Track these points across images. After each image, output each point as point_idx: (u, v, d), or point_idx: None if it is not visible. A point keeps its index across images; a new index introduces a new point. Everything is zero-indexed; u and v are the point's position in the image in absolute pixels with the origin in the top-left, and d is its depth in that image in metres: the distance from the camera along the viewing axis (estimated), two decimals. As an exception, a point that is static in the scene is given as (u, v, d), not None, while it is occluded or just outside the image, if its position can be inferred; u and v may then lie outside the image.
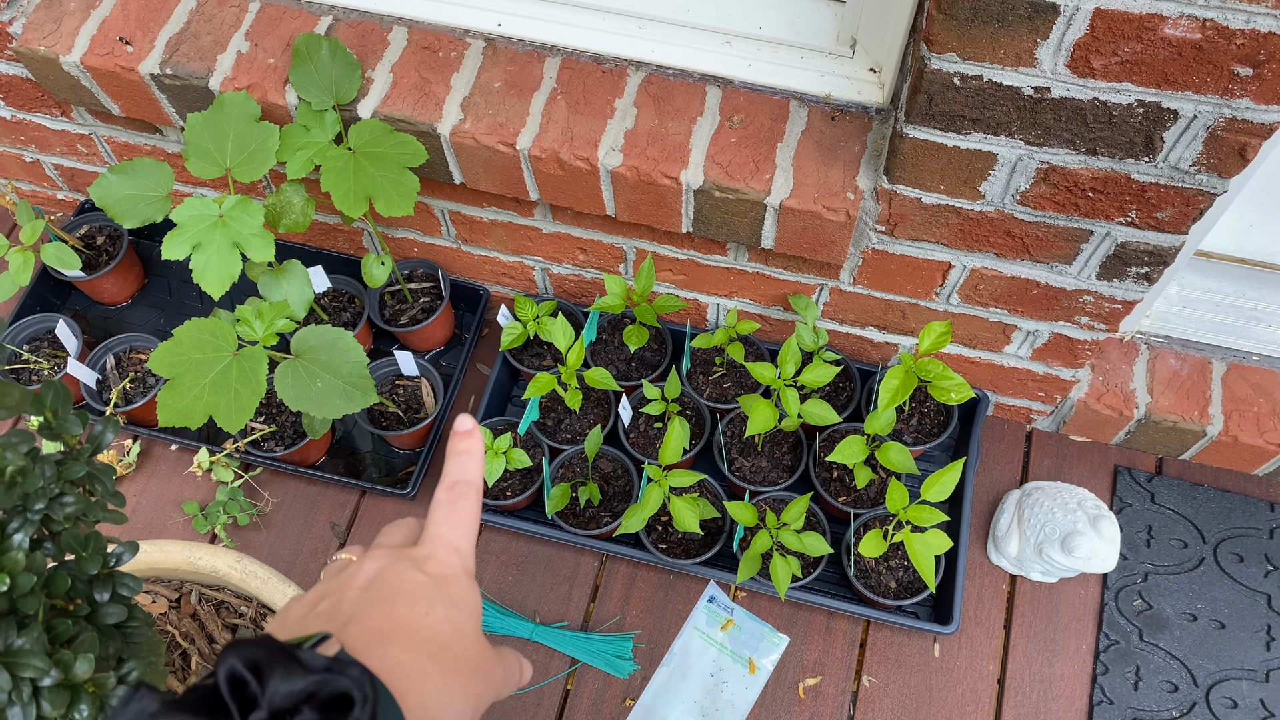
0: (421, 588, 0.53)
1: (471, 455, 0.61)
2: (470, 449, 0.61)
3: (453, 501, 0.59)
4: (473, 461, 0.61)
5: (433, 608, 0.52)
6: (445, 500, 0.59)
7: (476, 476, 0.60)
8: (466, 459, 0.61)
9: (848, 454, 1.37)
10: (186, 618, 1.25)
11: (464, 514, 0.58)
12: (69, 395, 0.75)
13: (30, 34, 1.36)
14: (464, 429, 0.62)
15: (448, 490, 0.59)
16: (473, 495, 0.59)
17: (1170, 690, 1.43)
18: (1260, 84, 0.90)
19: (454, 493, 0.59)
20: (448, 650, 0.50)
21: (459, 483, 0.59)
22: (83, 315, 1.79)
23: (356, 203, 1.27)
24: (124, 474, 1.63)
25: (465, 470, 0.60)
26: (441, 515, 0.58)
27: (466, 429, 0.62)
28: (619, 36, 1.27)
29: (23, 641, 0.66)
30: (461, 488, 0.59)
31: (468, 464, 0.60)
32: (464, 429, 0.62)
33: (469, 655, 0.51)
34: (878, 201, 1.21)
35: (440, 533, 0.57)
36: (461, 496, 0.59)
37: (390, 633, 0.49)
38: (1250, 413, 1.47)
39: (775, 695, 1.44)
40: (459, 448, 0.61)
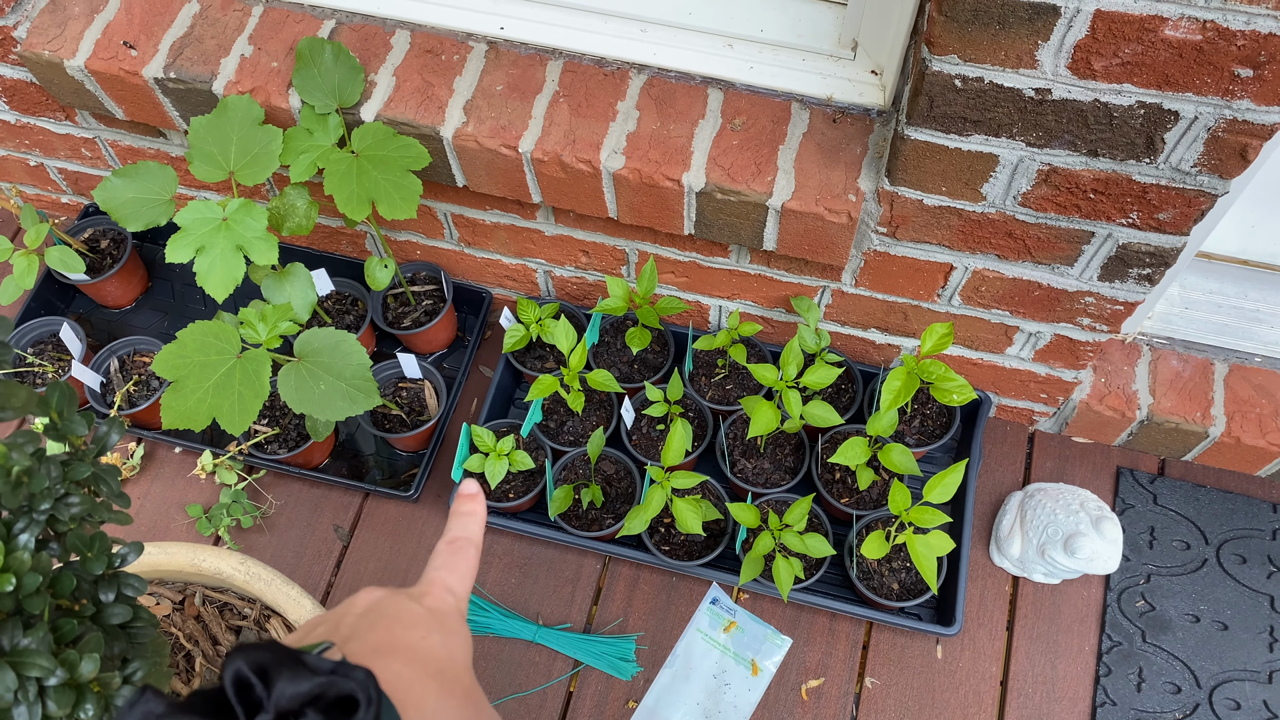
0: (418, 616, 0.54)
1: (474, 517, 0.63)
2: (473, 511, 0.64)
3: (452, 553, 0.61)
4: (474, 523, 0.63)
5: (429, 634, 0.53)
6: (445, 551, 0.61)
7: (477, 536, 0.63)
8: (469, 520, 0.63)
9: (850, 455, 1.37)
10: (190, 619, 1.25)
11: (462, 564, 0.60)
12: (74, 396, 0.75)
13: (35, 38, 1.36)
14: (469, 493, 0.65)
15: (449, 544, 0.61)
16: (472, 550, 0.62)
17: (1173, 691, 1.43)
18: (1261, 85, 0.90)
19: (454, 546, 0.61)
20: (445, 673, 0.51)
21: (460, 539, 0.62)
22: (87, 318, 1.80)
23: (359, 206, 1.28)
24: (128, 477, 1.64)
25: (466, 528, 0.62)
26: (440, 562, 0.60)
27: (471, 493, 0.65)
28: (621, 39, 1.28)
29: (29, 641, 0.66)
30: (462, 543, 0.62)
31: (470, 524, 0.63)
32: (469, 493, 0.65)
33: (464, 682, 0.53)
34: (879, 203, 1.21)
35: (438, 576, 0.59)
36: (461, 550, 0.61)
37: (390, 650, 0.51)
38: (1252, 414, 1.47)
39: (778, 697, 1.44)
40: (462, 509, 0.63)
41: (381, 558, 1.56)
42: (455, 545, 0.61)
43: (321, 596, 1.54)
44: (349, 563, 1.56)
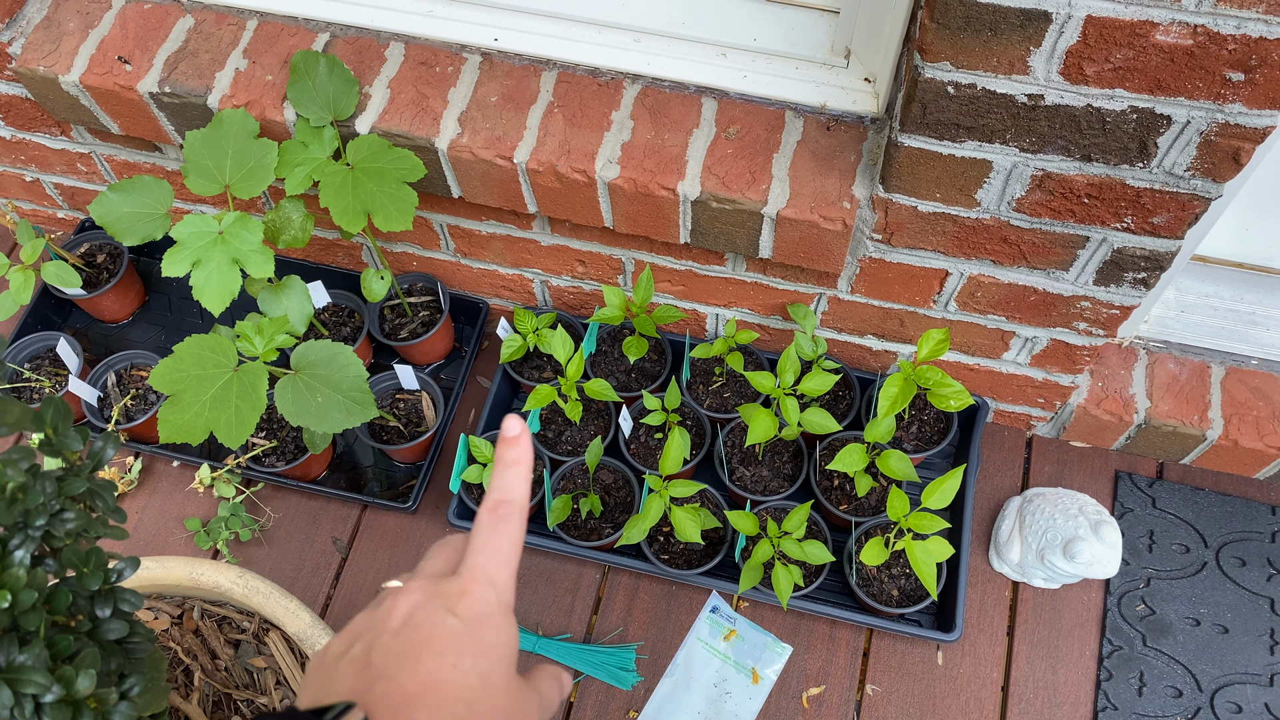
0: (452, 637, 0.51)
1: (518, 467, 0.58)
2: (517, 459, 0.58)
3: (494, 525, 0.56)
4: (519, 476, 0.58)
5: (461, 659, 0.50)
6: (487, 524, 0.56)
7: (522, 494, 0.58)
8: (513, 472, 0.58)
9: (848, 462, 1.37)
10: (189, 633, 1.24)
11: (505, 540, 0.56)
12: (69, 411, 0.75)
13: (29, 54, 1.36)
14: (511, 434, 0.59)
15: (490, 512, 0.57)
16: (516, 518, 0.57)
17: (1174, 695, 1.42)
18: (1253, 88, 0.90)
19: (496, 515, 0.56)
20: (475, 706, 0.49)
21: (502, 503, 0.57)
22: (84, 333, 1.80)
23: (355, 218, 1.28)
24: (126, 491, 1.64)
25: (510, 487, 0.57)
26: (481, 542, 0.56)
27: (514, 434, 0.58)
28: (615, 50, 1.28)
29: (25, 658, 0.66)
30: (505, 509, 0.57)
31: (514, 479, 0.58)
32: (511, 434, 0.59)
33: (498, 707, 0.50)
34: (874, 210, 1.21)
35: (478, 563, 0.55)
36: (504, 519, 0.56)
37: (416, 695, 0.49)
38: (1250, 416, 1.47)
39: (779, 705, 1.44)
40: (505, 457, 0.58)
41: (380, 569, 1.56)
42: (497, 514, 0.56)
43: (320, 609, 1.54)
44: (348, 575, 1.56)
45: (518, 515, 0.56)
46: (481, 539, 0.56)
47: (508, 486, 0.57)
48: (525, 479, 0.58)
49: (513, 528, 0.56)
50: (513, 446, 0.58)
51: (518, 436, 0.58)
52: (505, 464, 0.58)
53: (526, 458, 0.58)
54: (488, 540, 0.55)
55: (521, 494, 0.57)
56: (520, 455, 0.58)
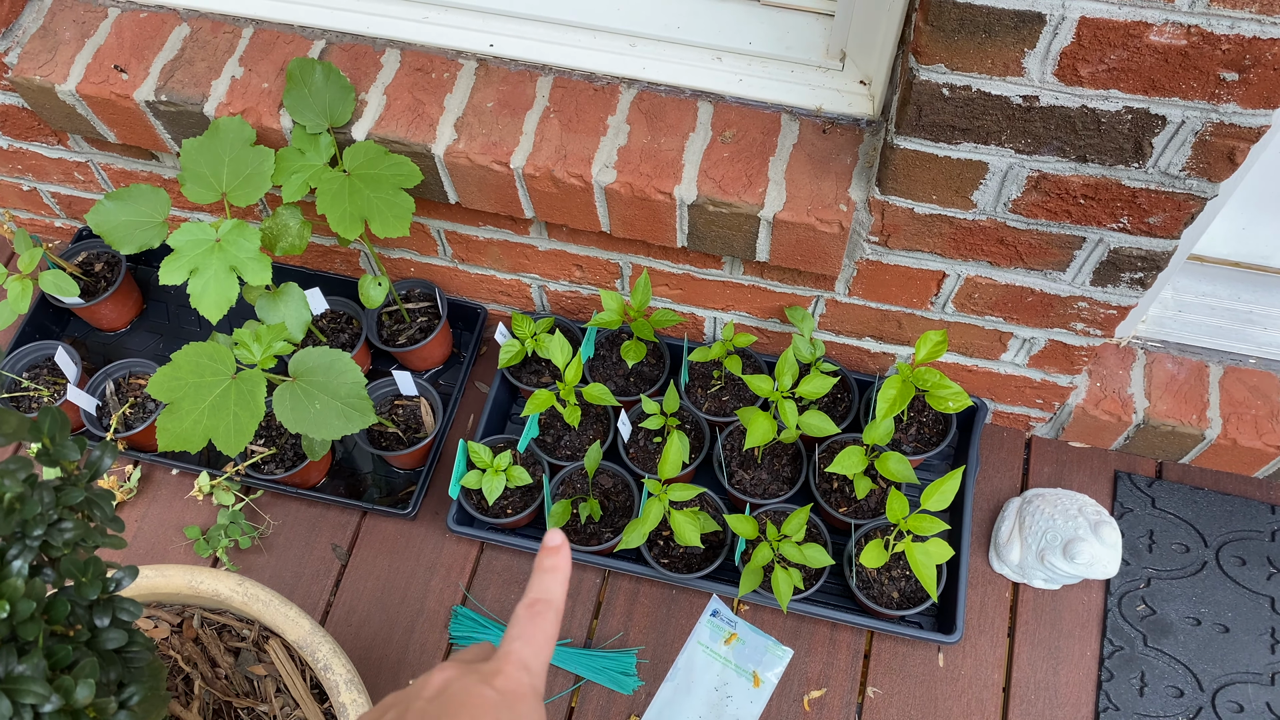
0: (486, 705, 0.53)
1: (557, 574, 0.61)
2: (556, 566, 0.62)
3: (531, 619, 0.59)
4: (557, 581, 0.61)
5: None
6: (524, 617, 0.59)
7: (559, 595, 0.61)
8: (551, 577, 0.61)
9: (847, 465, 1.37)
10: (189, 642, 1.24)
11: (540, 633, 0.59)
12: (66, 421, 0.75)
13: (26, 63, 1.37)
14: (553, 544, 0.63)
15: (527, 608, 0.60)
16: (551, 615, 0.60)
17: (1176, 695, 1.42)
18: (1247, 88, 0.91)
19: (533, 610, 0.60)
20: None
21: (539, 601, 0.60)
22: (82, 342, 1.80)
23: (352, 224, 1.28)
24: (125, 499, 1.63)
25: (548, 589, 0.61)
26: (517, 631, 0.59)
27: (555, 544, 0.63)
28: (610, 54, 1.28)
29: (23, 668, 0.66)
30: (541, 606, 0.60)
31: (551, 583, 0.61)
32: (553, 544, 0.63)
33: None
34: (870, 213, 1.21)
35: (514, 649, 0.58)
36: (540, 615, 0.59)
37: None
38: (1248, 415, 1.47)
39: (780, 708, 1.44)
40: (545, 564, 0.62)
41: (380, 576, 1.56)
42: (534, 610, 0.60)
43: (320, 616, 1.53)
44: (347, 582, 1.56)
45: (553, 614, 0.60)
46: (517, 629, 0.59)
47: (546, 588, 0.61)
48: (563, 584, 0.62)
49: (548, 624, 0.59)
50: (553, 555, 0.62)
51: (558, 547, 0.62)
52: (544, 569, 0.61)
53: (565, 565, 0.62)
54: (524, 630, 0.59)
55: (559, 596, 0.61)
56: (559, 563, 0.62)
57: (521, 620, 0.59)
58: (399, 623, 1.52)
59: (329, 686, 1.16)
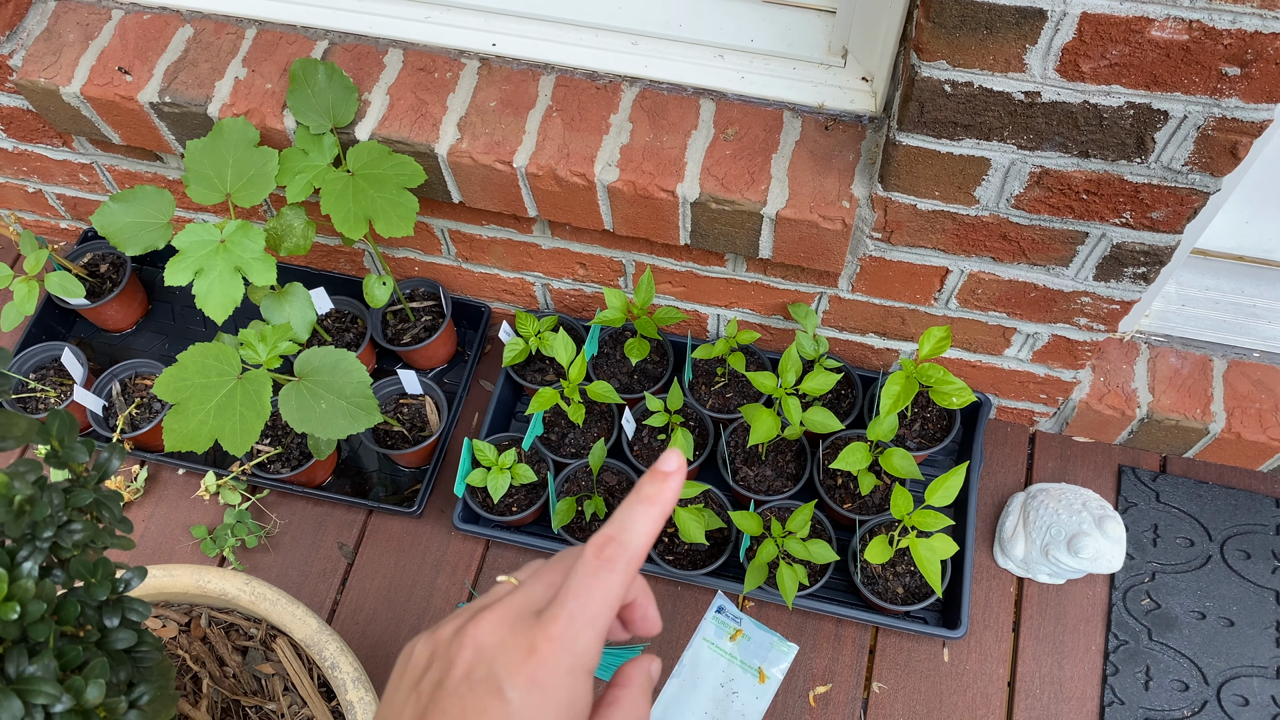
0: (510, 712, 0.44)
1: (651, 508, 0.48)
2: (655, 498, 0.48)
3: (595, 570, 0.47)
4: (649, 519, 0.48)
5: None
6: (588, 567, 0.47)
7: (641, 538, 0.48)
8: (641, 510, 0.48)
9: (851, 461, 1.37)
10: (197, 641, 1.25)
11: (600, 591, 0.46)
12: (75, 423, 0.76)
13: (30, 66, 1.37)
14: (667, 467, 0.49)
15: (596, 551, 0.47)
16: (621, 566, 0.47)
17: (1181, 689, 1.43)
18: (1249, 83, 0.91)
19: (601, 557, 0.47)
20: None
21: (612, 542, 0.47)
22: (88, 343, 1.80)
23: (356, 224, 1.28)
24: (131, 500, 1.64)
25: (630, 525, 0.48)
26: (575, 587, 0.46)
27: (670, 468, 0.49)
28: (612, 53, 1.28)
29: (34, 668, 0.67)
30: (613, 551, 0.47)
31: (638, 519, 0.48)
32: (667, 467, 0.49)
33: None
34: (873, 209, 1.22)
35: (562, 614, 0.46)
36: (607, 565, 0.47)
37: None
38: (1252, 409, 1.47)
39: (786, 704, 1.44)
40: (644, 490, 0.48)
41: (386, 574, 1.56)
42: (602, 556, 0.47)
43: (327, 615, 1.54)
44: (354, 580, 1.57)
45: (624, 564, 0.47)
46: (576, 582, 0.47)
47: (628, 525, 0.48)
48: (654, 524, 0.48)
49: (615, 578, 0.47)
50: (658, 482, 0.48)
51: (671, 473, 0.48)
52: (639, 498, 0.48)
53: (668, 500, 0.48)
54: (581, 584, 0.47)
55: (640, 539, 0.48)
56: (661, 494, 0.48)
57: (583, 571, 0.47)
58: (405, 621, 1.53)
59: (336, 685, 1.16)
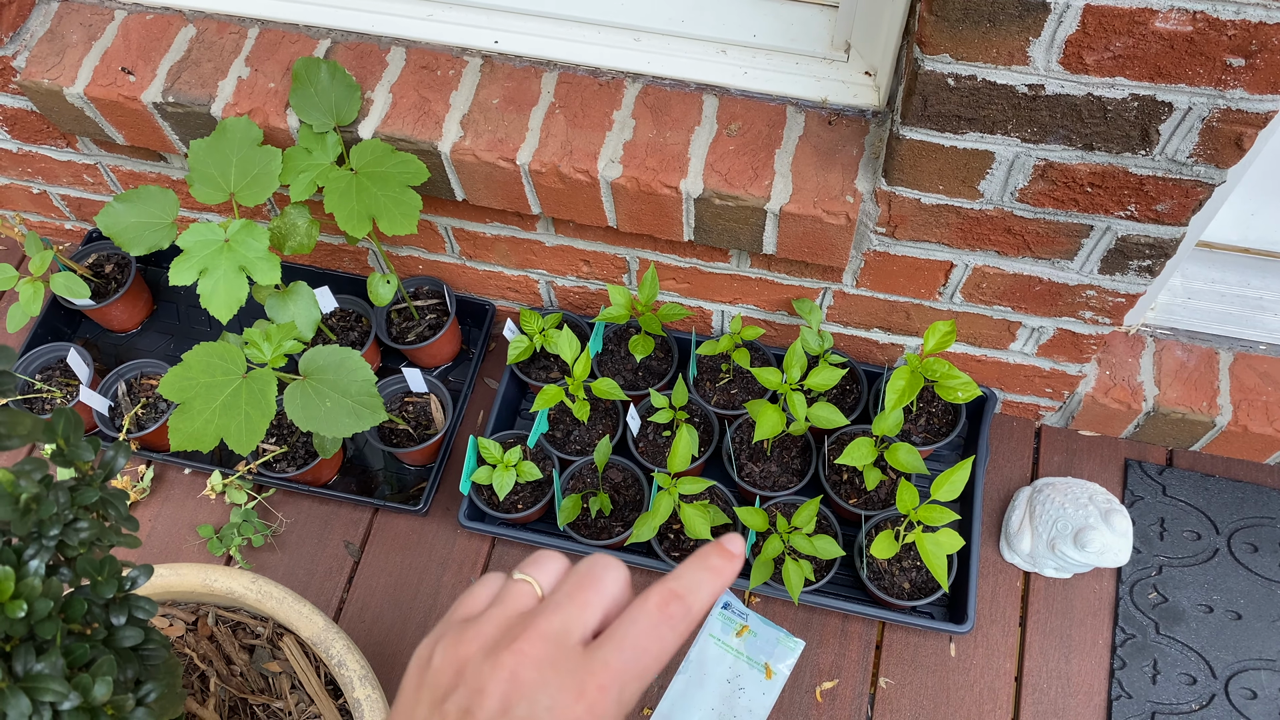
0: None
1: (717, 577, 0.48)
2: (720, 570, 0.48)
3: (656, 622, 0.46)
4: (711, 584, 0.48)
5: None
6: (651, 618, 0.46)
7: (703, 603, 0.48)
8: (708, 576, 0.48)
9: (856, 456, 1.37)
10: (204, 639, 1.25)
11: (655, 648, 0.46)
12: (80, 422, 0.76)
13: (34, 67, 1.37)
14: (735, 549, 0.50)
15: (660, 604, 0.47)
16: (682, 627, 0.47)
17: (1189, 683, 1.42)
18: (1253, 74, 0.90)
19: (665, 611, 0.46)
20: None
21: (678, 599, 0.47)
22: (93, 343, 1.81)
23: (360, 223, 1.28)
24: (138, 499, 1.65)
25: (696, 587, 0.48)
26: (632, 634, 0.45)
27: (736, 551, 0.50)
28: (615, 49, 1.28)
29: (41, 666, 0.67)
30: (677, 609, 0.47)
31: (705, 583, 0.48)
32: (735, 549, 0.50)
33: None
34: (877, 204, 1.21)
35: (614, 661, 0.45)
36: (669, 620, 0.46)
37: None
38: (1259, 402, 1.47)
39: (792, 700, 1.44)
40: (711, 560, 0.49)
41: (393, 573, 1.57)
42: (666, 611, 0.46)
43: (334, 613, 1.54)
44: (360, 579, 1.57)
45: (685, 626, 0.47)
46: (636, 632, 0.46)
47: (695, 587, 0.48)
48: (715, 595, 0.49)
49: (673, 636, 0.46)
50: (726, 560, 0.49)
51: (737, 555, 0.50)
52: (705, 565, 0.49)
53: (729, 576, 0.49)
54: (640, 635, 0.45)
55: (704, 605, 0.48)
56: (725, 569, 0.49)
57: (644, 621, 0.46)
58: (412, 619, 1.53)
59: (343, 682, 1.17)
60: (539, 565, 0.51)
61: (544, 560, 0.52)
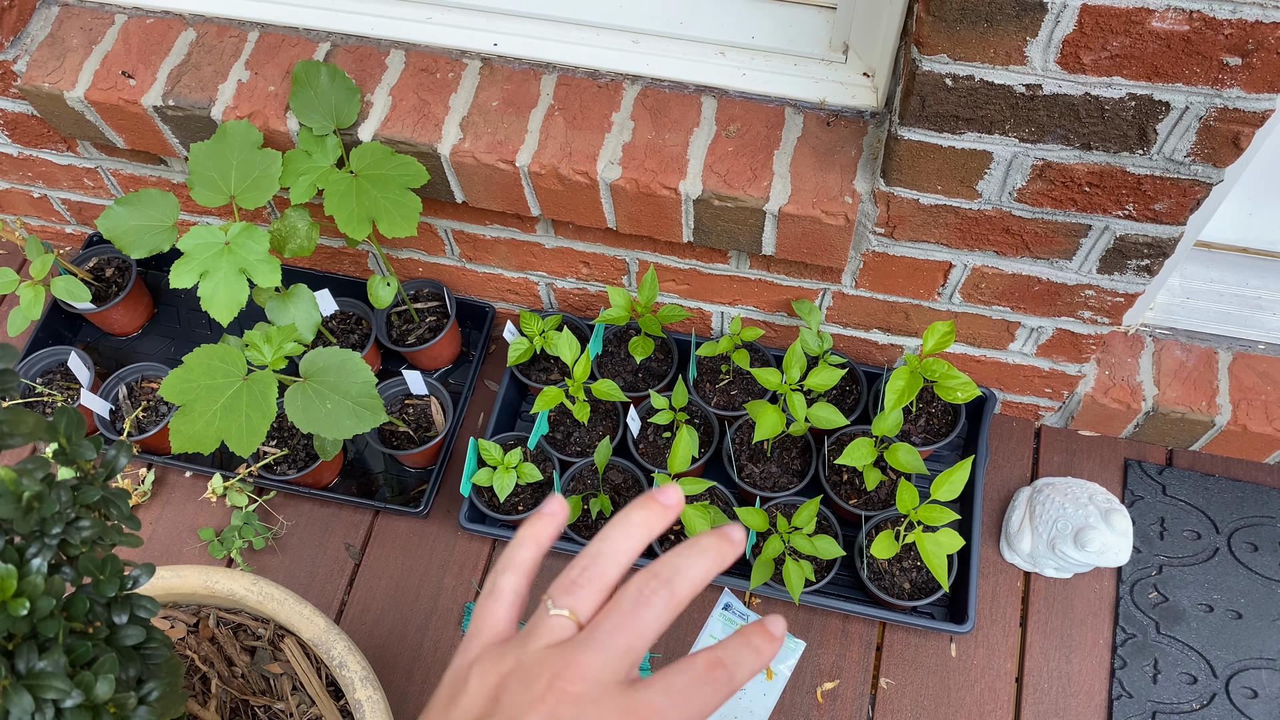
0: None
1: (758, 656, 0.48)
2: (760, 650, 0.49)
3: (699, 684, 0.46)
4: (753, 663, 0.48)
5: None
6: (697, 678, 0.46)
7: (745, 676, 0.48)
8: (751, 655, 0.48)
9: (856, 456, 1.37)
10: (205, 641, 1.25)
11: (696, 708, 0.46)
12: (82, 421, 0.76)
13: (34, 71, 1.38)
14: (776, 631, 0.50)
15: (709, 667, 0.47)
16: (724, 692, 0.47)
17: (1189, 682, 1.42)
18: (1250, 73, 0.91)
19: (711, 676, 0.47)
20: None
21: (724, 668, 0.47)
22: (94, 347, 1.81)
23: (360, 225, 1.29)
24: (139, 502, 1.65)
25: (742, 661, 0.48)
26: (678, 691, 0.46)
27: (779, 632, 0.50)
28: (614, 51, 1.29)
29: (44, 664, 0.67)
30: (723, 676, 0.47)
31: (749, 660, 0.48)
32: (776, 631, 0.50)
33: None
34: (876, 204, 1.22)
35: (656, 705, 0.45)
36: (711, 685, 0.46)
37: None
38: (1258, 401, 1.47)
39: (793, 701, 1.44)
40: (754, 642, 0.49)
41: (394, 575, 1.57)
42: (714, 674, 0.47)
43: (335, 615, 1.54)
44: (361, 580, 1.57)
45: (725, 692, 0.47)
46: (678, 681, 0.46)
47: (739, 661, 0.48)
48: (756, 668, 0.49)
49: (713, 697, 0.46)
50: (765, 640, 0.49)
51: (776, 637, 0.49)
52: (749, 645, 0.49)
53: (767, 658, 0.49)
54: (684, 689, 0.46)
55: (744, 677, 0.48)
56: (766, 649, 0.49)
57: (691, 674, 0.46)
58: (413, 620, 1.53)
59: (344, 684, 1.17)
60: (575, 594, 0.50)
61: (580, 587, 0.51)
